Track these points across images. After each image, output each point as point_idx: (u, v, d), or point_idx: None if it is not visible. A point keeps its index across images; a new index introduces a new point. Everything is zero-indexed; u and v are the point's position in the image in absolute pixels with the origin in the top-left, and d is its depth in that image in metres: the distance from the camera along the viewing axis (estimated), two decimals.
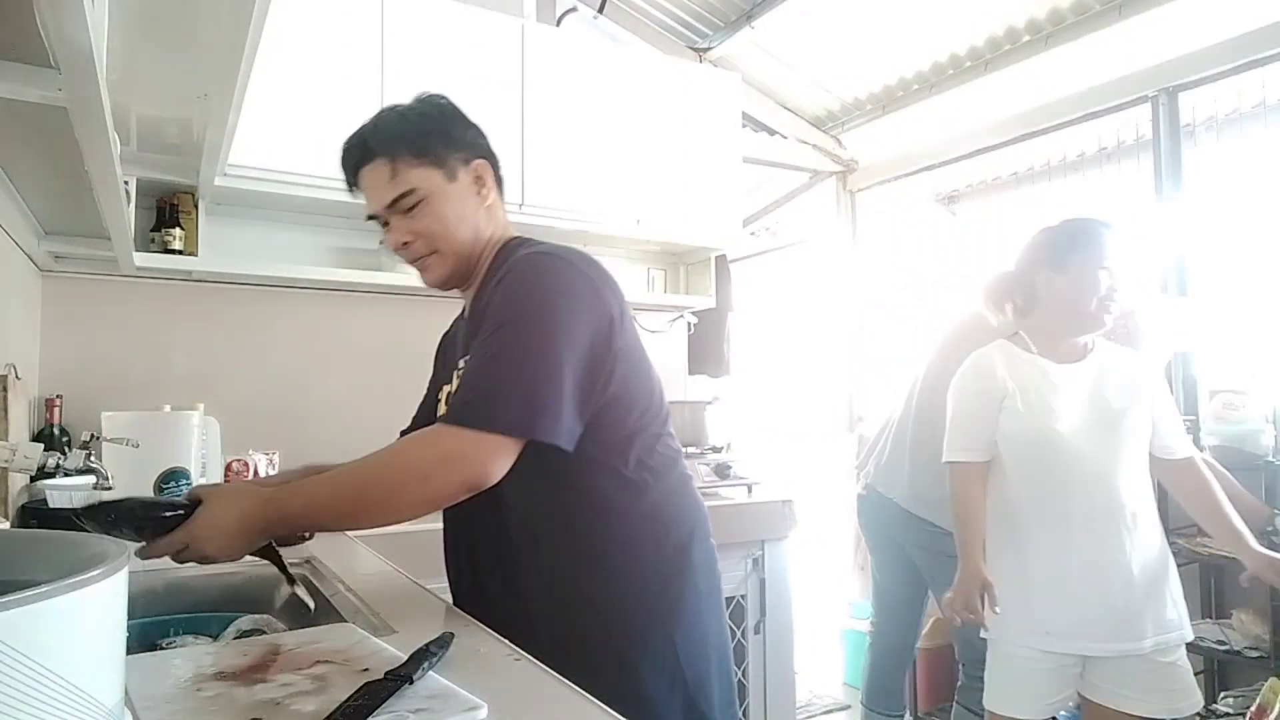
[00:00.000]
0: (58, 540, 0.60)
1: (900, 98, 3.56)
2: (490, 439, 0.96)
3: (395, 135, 1.13)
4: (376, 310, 2.78)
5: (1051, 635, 1.67)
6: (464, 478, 0.96)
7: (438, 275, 1.18)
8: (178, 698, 0.77)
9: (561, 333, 1.02)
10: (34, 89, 0.93)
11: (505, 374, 0.99)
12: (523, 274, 1.06)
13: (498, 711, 0.74)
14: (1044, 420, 1.71)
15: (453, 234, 1.14)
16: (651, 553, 1.11)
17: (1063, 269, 1.73)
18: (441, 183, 1.13)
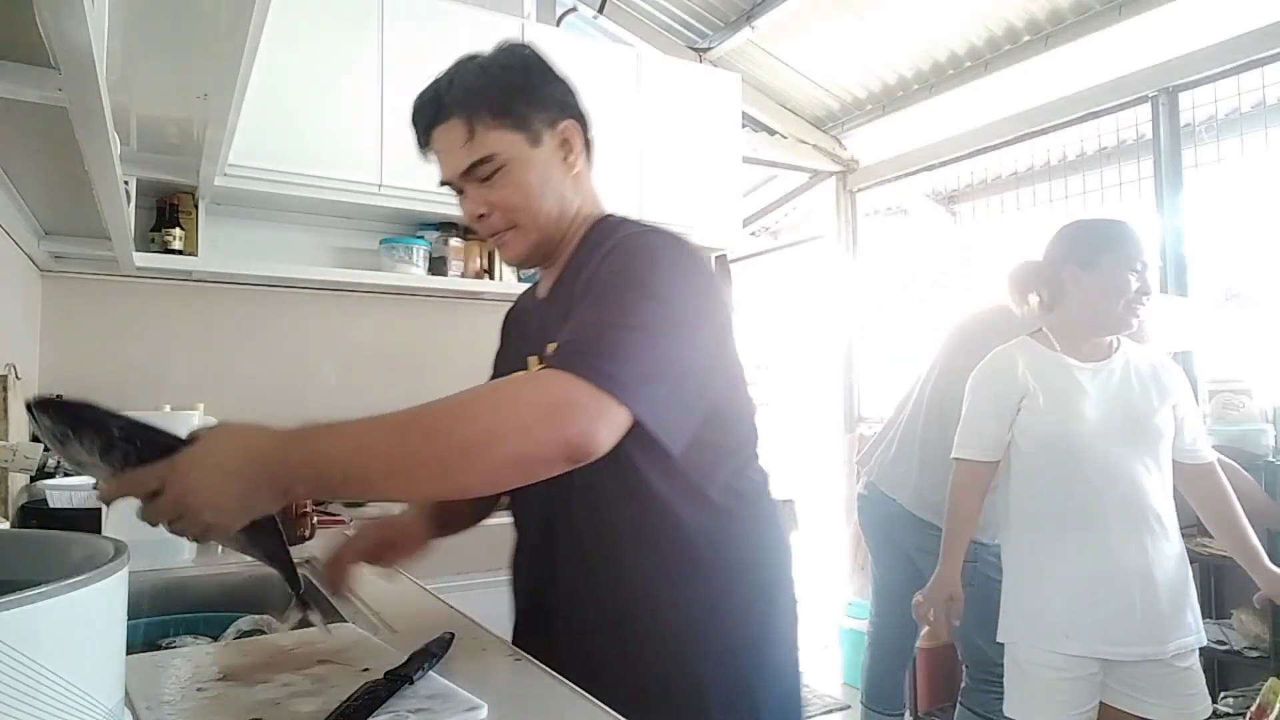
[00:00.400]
0: (58, 540, 0.60)
1: (900, 98, 3.56)
2: (607, 400, 0.75)
3: (474, 91, 0.97)
4: (376, 310, 2.78)
5: (1070, 638, 1.64)
6: (570, 436, 0.74)
7: (516, 252, 1.03)
8: (178, 698, 0.77)
9: (691, 318, 0.88)
10: (34, 89, 0.93)
11: (635, 338, 0.81)
12: (651, 243, 0.92)
13: (499, 712, 0.74)
14: (1066, 420, 1.67)
15: (535, 206, 0.99)
16: (737, 595, 0.96)
17: (1092, 267, 1.69)
18: (524, 148, 0.98)
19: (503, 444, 0.73)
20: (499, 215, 0.99)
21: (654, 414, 0.79)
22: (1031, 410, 1.71)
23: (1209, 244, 2.75)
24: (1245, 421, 2.30)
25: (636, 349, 0.80)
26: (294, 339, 2.65)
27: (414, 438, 0.73)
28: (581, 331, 0.82)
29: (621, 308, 0.83)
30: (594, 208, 1.06)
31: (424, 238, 2.69)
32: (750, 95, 3.63)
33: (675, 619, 0.94)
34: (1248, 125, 2.64)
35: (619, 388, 0.76)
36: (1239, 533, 1.72)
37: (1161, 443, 1.69)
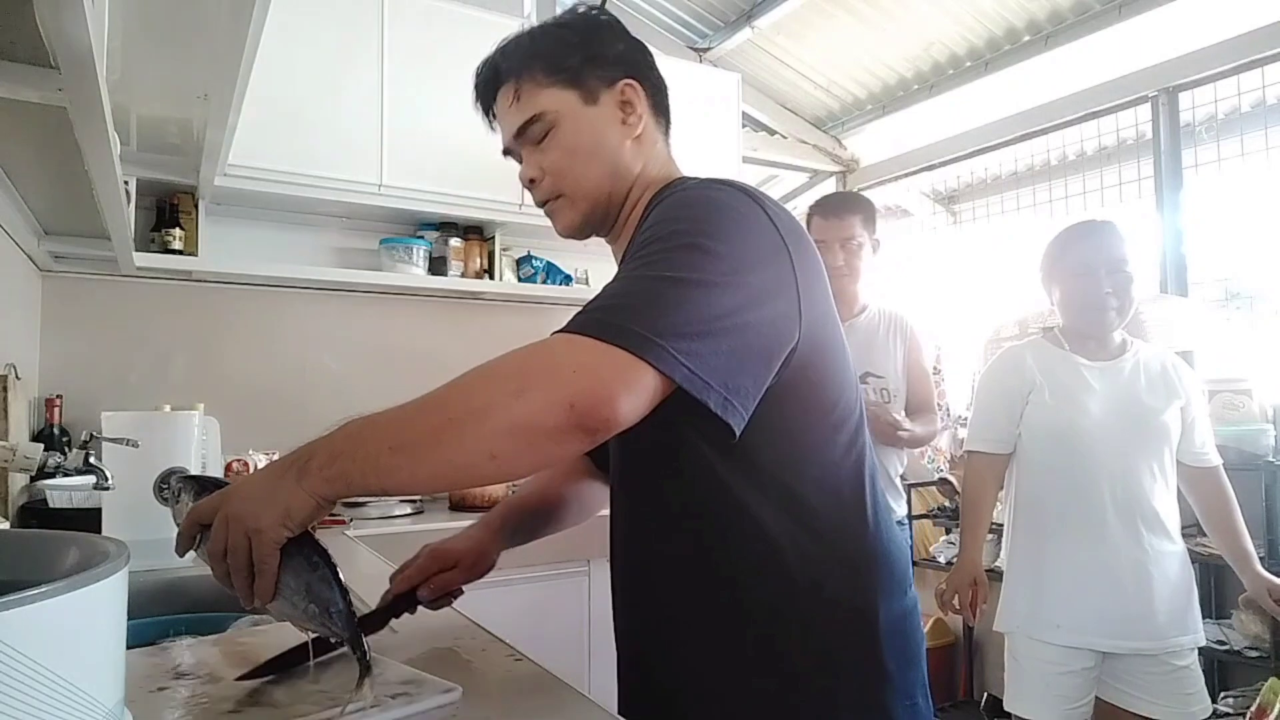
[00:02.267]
0: (58, 540, 0.60)
1: (900, 98, 3.56)
2: (620, 356, 0.66)
3: (527, 52, 0.92)
4: (376, 310, 2.78)
5: (1061, 628, 1.67)
6: (574, 398, 0.65)
7: (567, 223, 0.94)
8: (153, 692, 0.77)
9: (740, 269, 0.74)
10: (34, 89, 0.93)
11: (660, 287, 0.71)
12: (697, 194, 0.82)
13: (500, 712, 0.74)
14: (1070, 414, 1.71)
15: (581, 170, 0.91)
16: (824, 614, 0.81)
17: (1057, 280, 1.78)
18: (575, 106, 0.90)
19: (498, 411, 0.66)
20: (549, 181, 0.92)
21: (687, 372, 0.67)
22: (1037, 404, 1.75)
23: (1209, 244, 2.75)
24: (1245, 421, 2.30)
25: (660, 298, 0.70)
26: (294, 339, 2.65)
27: (414, 412, 0.70)
28: (606, 288, 0.75)
29: (648, 258, 0.74)
30: (662, 173, 0.95)
31: (424, 238, 2.69)
32: (750, 95, 3.63)
33: (739, 644, 0.82)
34: (1248, 125, 2.63)
35: (637, 343, 0.66)
36: (1234, 537, 1.75)
37: (1166, 442, 1.70)
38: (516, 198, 2.62)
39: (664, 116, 0.98)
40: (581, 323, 0.70)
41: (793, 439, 0.81)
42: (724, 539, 0.82)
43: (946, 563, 2.93)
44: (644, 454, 0.87)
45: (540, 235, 2.91)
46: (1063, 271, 1.76)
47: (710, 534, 0.83)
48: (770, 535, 0.80)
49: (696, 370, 0.68)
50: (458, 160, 2.49)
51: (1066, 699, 1.68)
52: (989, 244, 3.53)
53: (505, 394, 0.67)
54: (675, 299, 0.70)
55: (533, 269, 2.91)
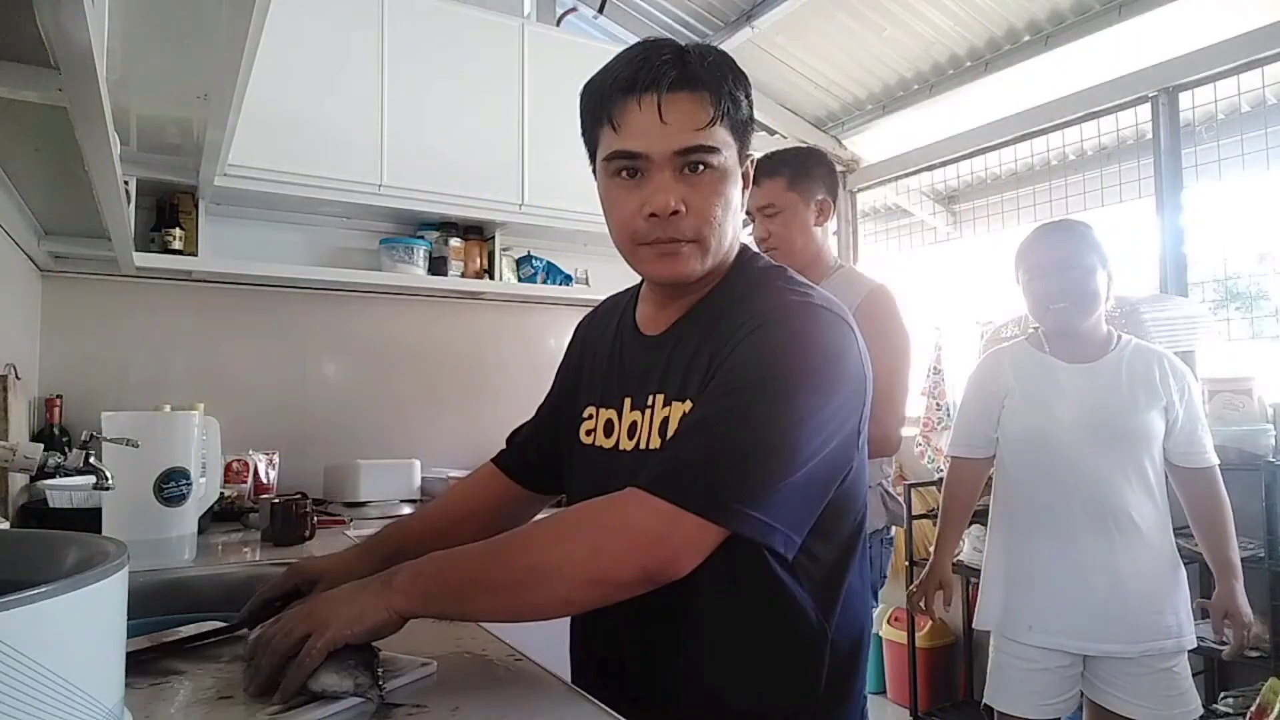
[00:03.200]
0: (58, 540, 0.60)
1: (900, 98, 3.56)
2: (691, 521, 0.73)
3: (726, 79, 0.85)
4: (376, 310, 2.78)
5: (1034, 630, 1.70)
6: (646, 561, 0.73)
7: (686, 270, 0.88)
8: (174, 697, 0.77)
9: (823, 414, 0.79)
10: (34, 89, 0.93)
11: (735, 447, 0.75)
12: (801, 322, 0.82)
13: (500, 712, 0.74)
14: (1038, 419, 1.74)
15: (725, 225, 0.87)
16: (814, 669, 0.88)
17: (1020, 286, 1.83)
18: (735, 160, 0.87)
19: (577, 567, 0.74)
20: (692, 220, 0.85)
21: (757, 523, 0.74)
22: (1011, 409, 1.79)
23: (1209, 244, 2.75)
24: (1245, 421, 2.30)
25: (743, 461, 0.75)
26: (294, 339, 2.65)
27: (499, 553, 0.77)
28: (683, 444, 0.79)
29: (736, 409, 0.77)
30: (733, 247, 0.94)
31: (424, 238, 2.69)
32: None
33: (743, 685, 0.87)
34: (1248, 125, 2.63)
35: (713, 509, 0.73)
36: (1219, 542, 1.73)
37: (1142, 444, 1.69)
38: (516, 198, 2.62)
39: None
40: (660, 482, 0.75)
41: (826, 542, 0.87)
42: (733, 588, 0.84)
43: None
44: None
45: (540, 235, 2.91)
46: (1021, 277, 1.81)
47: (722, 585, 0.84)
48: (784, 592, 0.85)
49: (769, 520, 0.75)
50: (458, 160, 2.49)
51: (1042, 695, 1.71)
52: (989, 244, 3.53)
53: (584, 553, 0.74)
54: (757, 461, 0.75)
55: (533, 269, 2.91)
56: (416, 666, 0.82)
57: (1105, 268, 1.72)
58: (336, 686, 0.72)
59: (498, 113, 2.59)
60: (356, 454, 2.49)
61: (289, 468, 2.41)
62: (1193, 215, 2.74)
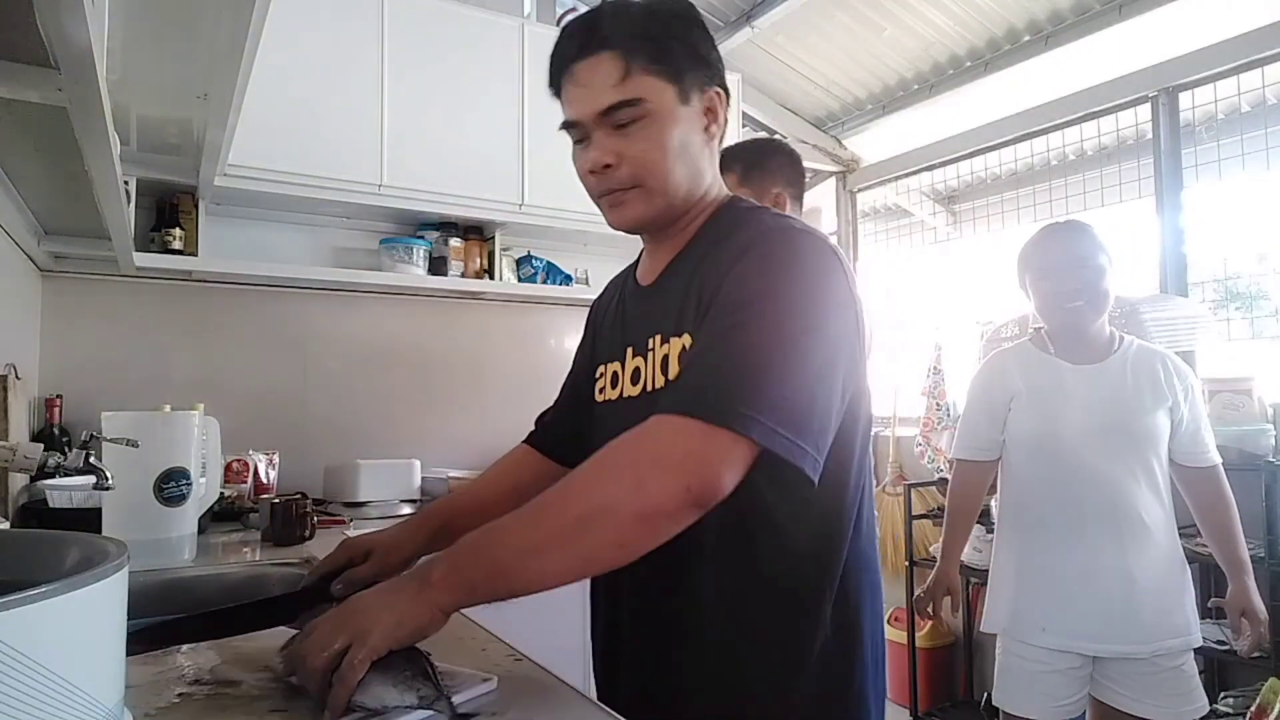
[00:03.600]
0: (58, 540, 0.60)
1: (900, 98, 3.56)
2: (724, 437, 0.73)
3: (639, 30, 0.88)
4: (376, 310, 2.78)
5: (1047, 632, 1.69)
6: (690, 481, 0.72)
7: (634, 215, 0.91)
8: (174, 698, 0.77)
9: (824, 327, 0.81)
10: (34, 89, 0.93)
11: (758, 359, 0.76)
12: (784, 245, 0.84)
13: (500, 712, 0.74)
14: (1047, 422, 1.72)
15: (668, 167, 0.89)
16: (820, 629, 0.87)
17: (1030, 285, 1.81)
18: (672, 101, 0.88)
19: (622, 506, 0.72)
20: (627, 170, 0.89)
21: (785, 441, 0.74)
22: (1019, 411, 1.77)
23: (1209, 244, 2.75)
24: (1245, 421, 2.30)
25: (771, 373, 0.75)
26: (294, 339, 2.65)
27: (537, 515, 0.74)
28: (701, 358, 0.79)
29: (740, 324, 0.78)
30: (719, 187, 0.97)
31: (424, 238, 2.69)
32: (750, 95, 3.63)
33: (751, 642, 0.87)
34: (1248, 125, 2.63)
35: (744, 424, 0.72)
36: (1229, 542, 1.74)
37: (1150, 445, 1.69)
38: (516, 198, 2.62)
39: (725, 126, 0.97)
40: (684, 403, 0.75)
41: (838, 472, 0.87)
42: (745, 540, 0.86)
43: None
44: None
45: (540, 235, 2.91)
46: (1032, 276, 1.79)
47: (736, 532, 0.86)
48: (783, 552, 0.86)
49: (794, 439, 0.75)
50: (458, 160, 2.49)
51: (1053, 697, 1.70)
52: (989, 244, 3.53)
53: (625, 489, 0.72)
54: (771, 370, 0.75)
55: (533, 269, 2.91)
56: (478, 682, 0.78)
57: (1112, 268, 1.72)
58: (398, 700, 0.66)
59: (498, 113, 2.59)
60: (356, 454, 2.49)
61: (289, 468, 2.41)
62: (1193, 215, 2.74)
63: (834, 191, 4.11)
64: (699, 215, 0.94)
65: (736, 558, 0.86)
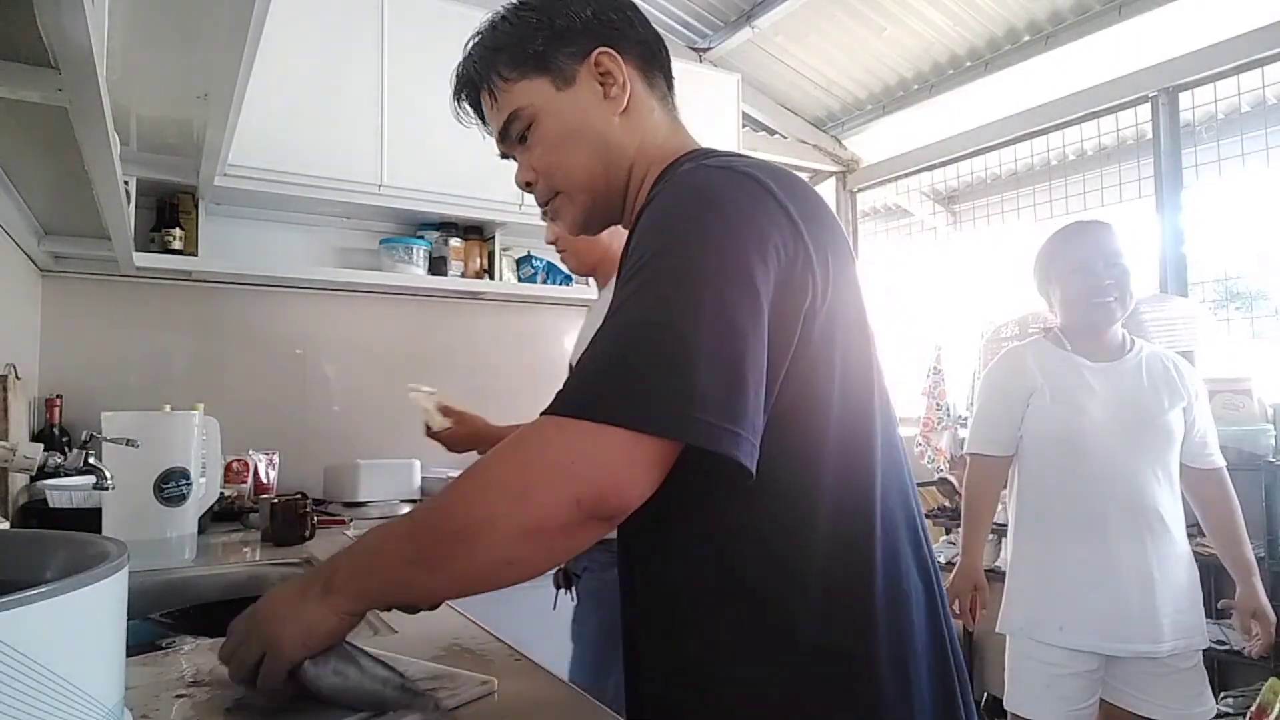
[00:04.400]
0: (58, 540, 0.60)
1: (900, 98, 3.56)
2: (618, 436, 0.60)
3: (490, 47, 0.84)
4: (376, 310, 2.78)
5: (1065, 631, 1.67)
6: (580, 492, 0.60)
7: (569, 220, 0.86)
8: (167, 697, 0.77)
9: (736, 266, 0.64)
10: (34, 89, 0.93)
11: (640, 339, 0.63)
12: (686, 192, 0.70)
13: (500, 712, 0.74)
14: (1072, 417, 1.70)
15: (569, 162, 0.82)
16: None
17: (1055, 280, 1.79)
18: (549, 93, 0.81)
19: (503, 520, 0.62)
20: (543, 181, 0.85)
21: (702, 428, 0.60)
22: (1039, 407, 1.74)
23: (1209, 244, 2.75)
24: (1245, 421, 2.30)
25: (651, 354, 0.62)
26: (294, 339, 2.65)
27: (423, 524, 0.67)
28: (588, 350, 0.65)
29: (631, 295, 0.65)
30: (667, 144, 0.84)
31: (424, 238, 2.69)
32: (750, 95, 3.63)
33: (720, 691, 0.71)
34: (1248, 125, 2.63)
35: (630, 417, 0.60)
36: (1235, 544, 1.74)
37: (1169, 444, 1.69)
38: (516, 198, 2.62)
39: (661, 76, 0.86)
40: (570, 401, 0.63)
41: (796, 464, 0.69)
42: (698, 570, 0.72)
43: (947, 563, 2.92)
44: None
45: (540, 235, 2.90)
46: (1060, 270, 1.76)
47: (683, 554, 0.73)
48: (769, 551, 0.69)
49: (711, 420, 0.60)
50: (458, 160, 2.49)
51: (1068, 700, 1.67)
52: (989, 244, 3.53)
53: (507, 500, 0.62)
54: (667, 347, 0.61)
55: (533, 269, 2.91)
56: (477, 683, 0.78)
57: (1133, 269, 1.73)
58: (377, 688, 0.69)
59: None
60: (356, 454, 2.49)
61: (289, 468, 2.41)
62: (1193, 215, 2.74)
63: (834, 191, 4.11)
64: (644, 181, 0.83)
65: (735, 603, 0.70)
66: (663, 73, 0.87)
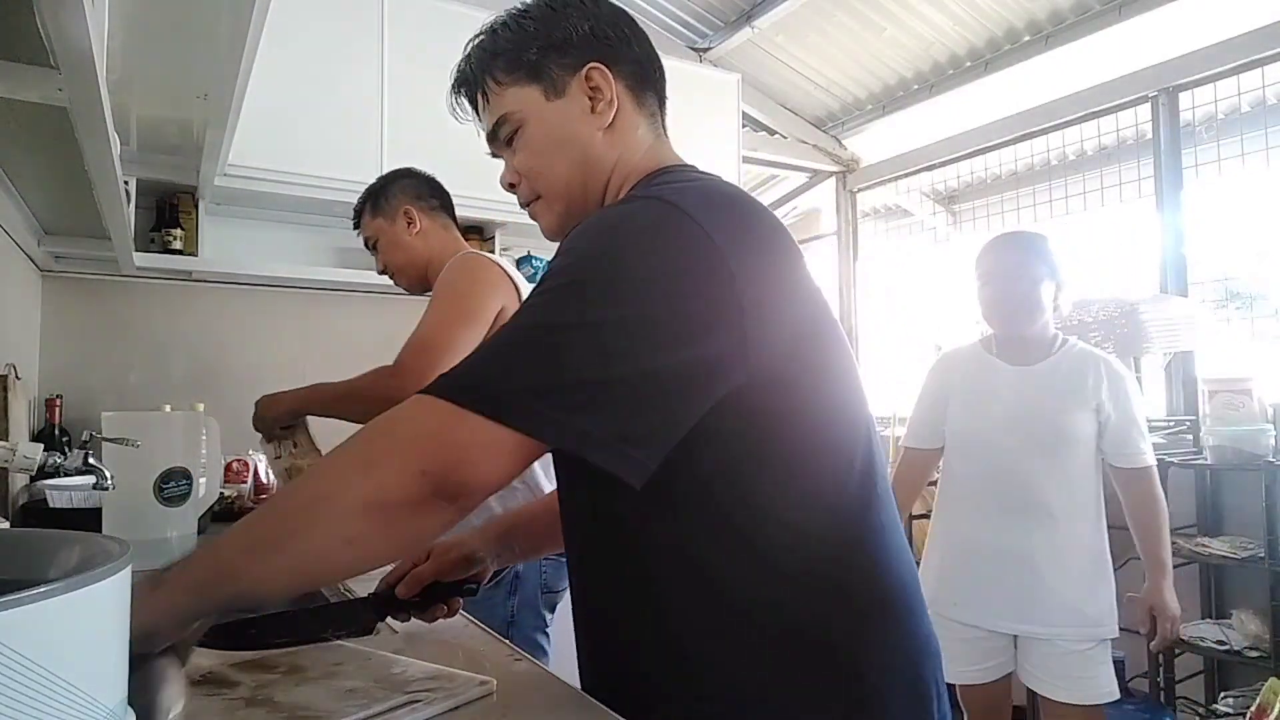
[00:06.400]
0: (58, 540, 0.60)
1: (900, 98, 3.56)
2: (473, 420, 0.61)
3: (489, 50, 0.87)
4: (376, 310, 2.78)
5: (959, 606, 1.86)
6: (426, 465, 0.61)
7: (546, 224, 0.91)
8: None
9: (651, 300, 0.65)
10: (34, 89, 0.93)
11: (534, 336, 0.65)
12: (606, 218, 0.73)
13: (499, 712, 0.74)
14: (973, 418, 1.89)
15: (550, 169, 0.86)
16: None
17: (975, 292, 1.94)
18: (538, 101, 0.84)
19: (347, 491, 0.61)
20: (525, 184, 0.89)
21: (557, 428, 0.61)
22: (954, 407, 1.94)
23: (1209, 244, 2.75)
24: (1245, 421, 2.30)
25: (529, 351, 0.64)
26: (294, 339, 2.65)
27: (266, 507, 0.66)
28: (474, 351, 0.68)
29: (528, 304, 0.68)
30: (647, 160, 0.86)
31: None
32: (750, 95, 3.63)
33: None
34: (1248, 125, 2.64)
35: (491, 404, 0.61)
36: (1153, 543, 1.83)
37: (1064, 443, 1.80)
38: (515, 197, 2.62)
39: (652, 94, 0.89)
40: (438, 384, 0.64)
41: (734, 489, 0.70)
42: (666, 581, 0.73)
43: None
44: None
45: (540, 235, 2.90)
46: (976, 283, 1.92)
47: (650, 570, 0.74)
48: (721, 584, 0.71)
49: (570, 424, 0.61)
50: (458, 160, 2.48)
51: (965, 661, 1.87)
52: None
53: (353, 471, 0.62)
54: (547, 349, 0.63)
55: (533, 269, 2.91)
56: (476, 683, 0.77)
57: (1054, 278, 1.83)
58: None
59: None
60: None
61: None
62: (1193, 215, 2.74)
63: (834, 191, 4.11)
64: (619, 195, 0.86)
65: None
66: (655, 91, 0.89)
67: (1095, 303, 2.59)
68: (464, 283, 1.69)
